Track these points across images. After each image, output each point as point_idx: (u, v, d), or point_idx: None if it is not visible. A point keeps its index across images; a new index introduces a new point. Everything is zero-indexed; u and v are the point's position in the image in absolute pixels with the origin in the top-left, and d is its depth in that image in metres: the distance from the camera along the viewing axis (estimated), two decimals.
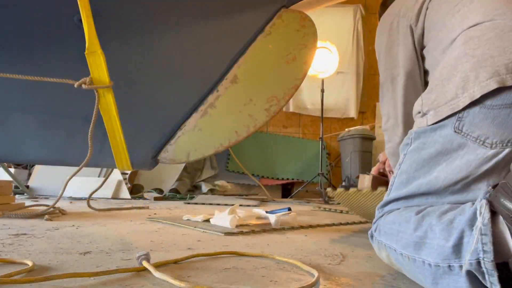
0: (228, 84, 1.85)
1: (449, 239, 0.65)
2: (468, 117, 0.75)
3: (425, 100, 0.84)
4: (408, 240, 0.75)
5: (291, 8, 1.89)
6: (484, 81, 0.73)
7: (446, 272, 0.65)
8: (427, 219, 0.73)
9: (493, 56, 0.75)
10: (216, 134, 1.86)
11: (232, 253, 1.05)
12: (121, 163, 1.79)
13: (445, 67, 0.83)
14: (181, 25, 1.81)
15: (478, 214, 0.61)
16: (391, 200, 0.88)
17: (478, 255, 0.58)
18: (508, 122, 0.71)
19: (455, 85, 0.78)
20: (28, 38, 1.72)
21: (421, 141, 0.83)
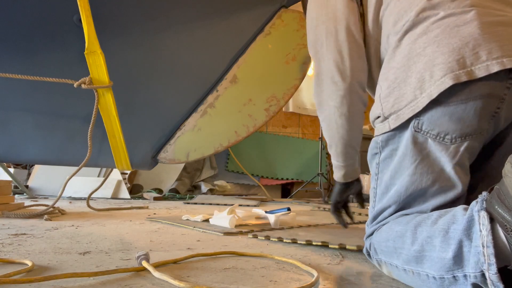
0: (228, 84, 1.85)
1: (448, 250, 0.65)
2: (426, 115, 0.76)
3: (385, 104, 0.83)
4: (408, 256, 0.74)
5: (290, 8, 1.90)
6: (439, 79, 0.74)
7: (452, 282, 0.65)
8: (420, 230, 0.73)
9: (443, 53, 0.75)
10: (215, 134, 1.86)
11: (232, 253, 1.05)
12: (120, 163, 1.79)
13: (399, 68, 0.82)
14: (181, 25, 1.81)
15: (478, 224, 0.61)
16: (378, 213, 0.87)
17: (482, 267, 0.58)
18: (465, 117, 0.74)
19: (412, 87, 0.78)
20: (28, 38, 1.72)
21: (391, 148, 0.84)
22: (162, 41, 1.81)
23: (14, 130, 1.79)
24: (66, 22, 1.65)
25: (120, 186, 3.26)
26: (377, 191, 0.88)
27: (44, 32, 1.71)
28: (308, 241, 1.20)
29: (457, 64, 0.73)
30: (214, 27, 1.84)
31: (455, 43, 0.75)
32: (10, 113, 1.79)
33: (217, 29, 1.84)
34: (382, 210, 0.86)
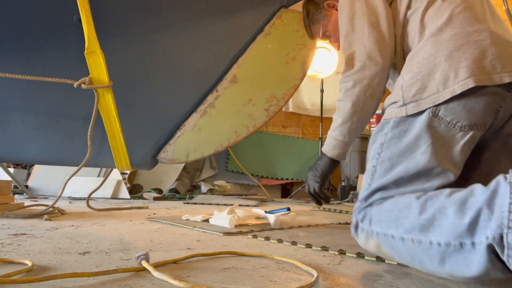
0: (228, 84, 1.85)
1: (464, 217, 0.70)
2: (443, 104, 0.88)
3: (406, 93, 0.93)
4: (412, 224, 0.80)
5: (290, 8, 1.90)
6: (463, 80, 0.88)
7: (457, 249, 0.70)
8: (431, 202, 0.79)
9: (467, 59, 0.89)
10: (215, 134, 1.86)
11: (232, 253, 1.05)
12: (120, 163, 1.79)
13: (424, 64, 0.94)
14: (181, 25, 1.81)
15: (508, 193, 0.64)
16: (377, 189, 0.92)
17: (502, 230, 0.63)
18: (475, 108, 0.88)
19: (436, 82, 0.90)
20: (28, 38, 1.72)
21: (401, 129, 0.92)
22: (162, 41, 1.81)
23: (14, 130, 1.79)
24: (66, 22, 1.65)
25: (120, 186, 3.26)
26: (378, 168, 0.94)
27: (44, 32, 1.71)
28: (308, 245, 1.20)
29: (479, 70, 0.88)
30: (214, 27, 1.84)
31: (477, 53, 0.90)
32: (10, 113, 1.79)
33: (217, 29, 1.84)
34: (385, 186, 0.91)
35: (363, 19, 1.09)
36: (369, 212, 0.93)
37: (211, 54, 1.85)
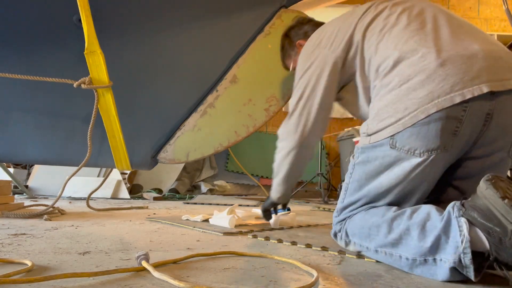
0: (228, 84, 1.85)
1: (426, 240, 0.87)
2: (399, 135, 0.98)
3: (370, 126, 1.06)
4: (383, 242, 0.96)
5: (290, 8, 1.89)
6: (413, 112, 0.96)
7: (422, 263, 0.88)
8: (396, 223, 0.94)
9: (415, 90, 0.97)
10: (215, 134, 1.86)
11: (231, 253, 1.05)
12: (120, 163, 1.79)
13: (383, 102, 1.03)
14: (181, 25, 1.81)
15: (457, 226, 0.83)
16: (348, 205, 1.10)
17: (460, 255, 0.81)
18: (427, 136, 0.95)
19: (390, 116, 1.00)
20: (28, 38, 1.72)
21: (366, 155, 1.06)
22: (162, 41, 1.81)
23: (14, 130, 1.79)
24: (66, 22, 1.65)
25: (120, 186, 3.26)
26: (349, 186, 1.11)
27: (44, 32, 1.71)
28: (308, 245, 1.20)
29: (428, 99, 0.94)
30: (214, 27, 1.84)
31: (425, 80, 0.97)
32: (10, 113, 1.79)
33: (217, 29, 1.84)
34: (353, 202, 1.09)
35: (304, 81, 1.23)
36: (344, 225, 1.10)
37: (211, 54, 1.85)
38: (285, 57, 1.55)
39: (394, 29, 1.09)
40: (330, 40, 1.21)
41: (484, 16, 5.02)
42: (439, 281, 0.85)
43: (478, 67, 0.94)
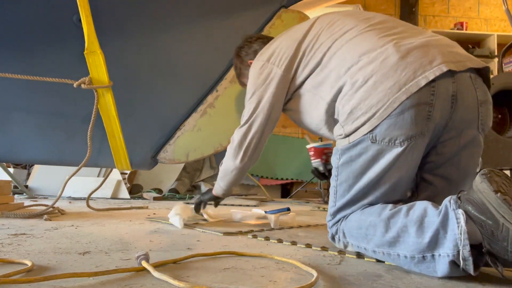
0: (228, 84, 1.85)
1: (424, 236, 0.89)
2: (377, 129, 1.01)
3: (346, 127, 1.07)
4: (380, 241, 0.97)
5: (290, 8, 1.89)
6: (386, 103, 0.99)
7: (420, 261, 0.89)
8: (393, 221, 0.96)
9: (382, 82, 1.01)
10: (215, 134, 1.86)
11: (231, 253, 1.05)
12: (120, 163, 1.79)
13: (354, 101, 1.05)
14: (181, 26, 1.81)
15: (455, 218, 0.85)
16: (340, 207, 1.10)
17: (459, 248, 0.83)
18: (404, 124, 0.99)
19: (364, 112, 1.02)
20: (28, 38, 1.72)
21: (348, 155, 1.07)
22: (162, 41, 1.81)
23: (14, 130, 1.79)
24: (66, 22, 1.65)
25: (119, 186, 3.26)
26: (338, 188, 1.11)
27: (44, 32, 1.71)
28: (308, 245, 1.20)
29: (395, 88, 0.99)
30: (214, 27, 1.84)
31: (387, 73, 1.02)
32: (10, 113, 1.79)
33: (217, 29, 1.84)
34: (345, 203, 1.09)
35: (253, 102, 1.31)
36: (340, 227, 1.11)
37: (211, 54, 1.85)
38: (240, 76, 1.59)
39: (347, 35, 1.16)
40: (278, 57, 1.28)
41: (484, 16, 5.02)
42: (438, 277, 0.87)
43: (434, 53, 1.02)
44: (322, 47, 1.19)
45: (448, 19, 5.00)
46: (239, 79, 1.60)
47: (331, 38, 1.19)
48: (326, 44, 1.18)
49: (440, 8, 5.02)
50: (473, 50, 4.64)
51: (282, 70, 1.26)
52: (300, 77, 1.24)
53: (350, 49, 1.12)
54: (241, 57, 1.55)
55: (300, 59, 1.24)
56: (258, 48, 1.49)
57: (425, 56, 1.01)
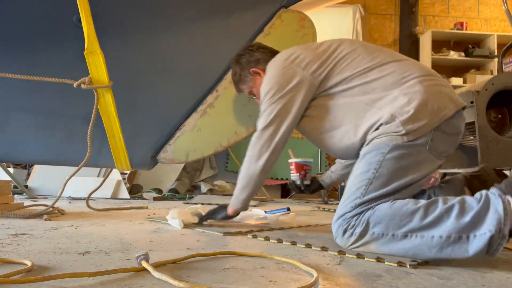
0: (228, 84, 1.85)
1: (465, 218, 0.97)
2: (435, 141, 1.15)
3: (406, 126, 1.14)
4: (418, 225, 1.03)
5: (290, 8, 1.89)
6: (443, 110, 1.15)
7: (455, 240, 0.97)
8: (432, 209, 1.03)
9: (442, 96, 1.19)
10: (215, 134, 1.86)
11: (231, 253, 1.05)
12: (120, 163, 1.79)
13: (416, 102, 1.15)
14: (181, 26, 1.81)
15: (501, 201, 0.96)
16: (371, 199, 1.12)
17: (501, 225, 0.93)
18: (450, 144, 1.20)
19: (427, 115, 1.14)
20: (28, 38, 1.72)
21: (399, 152, 1.13)
22: (162, 41, 1.81)
23: (14, 130, 1.79)
24: (66, 22, 1.65)
25: (119, 186, 3.26)
26: (374, 181, 1.14)
27: (44, 32, 1.71)
28: (308, 245, 1.20)
29: (453, 104, 1.19)
30: (214, 27, 1.84)
31: (442, 94, 1.20)
32: (10, 113, 1.79)
33: (217, 29, 1.84)
34: (377, 196, 1.12)
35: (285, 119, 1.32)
36: (363, 217, 1.11)
37: (211, 54, 1.85)
38: (239, 82, 1.59)
39: (389, 55, 1.29)
40: (303, 60, 1.31)
41: (484, 16, 5.02)
42: (468, 256, 0.96)
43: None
44: (360, 59, 1.27)
45: (448, 19, 5.00)
46: (238, 85, 1.60)
47: (368, 52, 1.29)
48: (364, 58, 1.27)
49: (440, 8, 5.02)
50: (473, 50, 4.64)
51: (309, 73, 1.29)
52: (328, 84, 1.28)
53: (401, 66, 1.24)
54: (241, 64, 1.54)
55: (331, 68, 1.28)
56: (260, 57, 1.51)
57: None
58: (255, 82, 1.53)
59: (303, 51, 1.35)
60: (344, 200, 1.18)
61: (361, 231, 1.10)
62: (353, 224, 1.12)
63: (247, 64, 1.53)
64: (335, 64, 1.29)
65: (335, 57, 1.30)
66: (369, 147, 1.18)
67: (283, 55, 1.38)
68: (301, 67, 1.30)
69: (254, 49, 1.54)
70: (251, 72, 1.52)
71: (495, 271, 0.96)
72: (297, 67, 1.31)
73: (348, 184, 1.21)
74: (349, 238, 1.12)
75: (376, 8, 5.03)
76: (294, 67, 1.31)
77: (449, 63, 4.74)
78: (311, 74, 1.29)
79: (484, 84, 2.02)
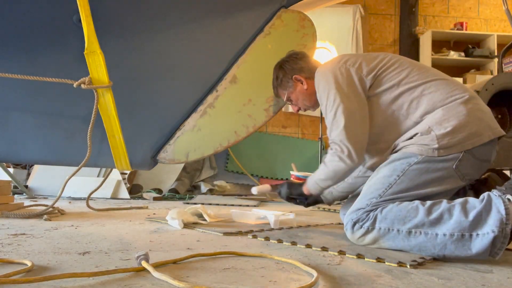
0: (227, 84, 1.85)
1: (468, 216, 1.03)
2: (463, 162, 1.18)
3: (440, 141, 1.18)
4: (422, 221, 1.09)
5: (290, 8, 1.89)
6: (479, 135, 1.19)
7: (458, 239, 1.03)
8: (436, 208, 1.09)
9: (482, 119, 1.22)
10: (215, 134, 1.86)
11: (231, 253, 1.05)
12: (120, 163, 1.79)
13: (456, 124, 1.20)
14: (181, 26, 1.81)
15: (502, 201, 1.01)
16: (387, 200, 1.19)
17: (503, 226, 0.99)
18: (476, 169, 1.22)
19: (463, 135, 1.18)
20: (28, 38, 1.72)
21: (427, 165, 1.19)
22: (162, 41, 1.81)
23: (14, 130, 1.79)
24: (66, 22, 1.65)
25: (119, 186, 3.26)
26: (394, 186, 1.20)
27: (44, 32, 1.70)
28: (308, 245, 1.20)
29: (490, 130, 1.22)
30: (214, 28, 1.84)
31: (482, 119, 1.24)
32: (10, 113, 1.79)
33: (216, 30, 1.84)
34: (395, 198, 1.19)
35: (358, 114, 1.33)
36: (372, 213, 1.18)
37: (211, 54, 1.85)
38: (279, 87, 1.62)
39: (432, 73, 1.35)
40: (356, 63, 1.37)
41: (484, 16, 5.02)
42: (471, 255, 1.01)
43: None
44: (407, 71, 1.33)
45: (448, 19, 5.00)
46: (278, 89, 1.64)
47: (417, 68, 1.34)
48: (412, 71, 1.33)
49: (440, 8, 5.02)
50: (473, 50, 4.64)
51: (363, 74, 1.35)
52: (377, 88, 1.34)
53: (445, 85, 1.29)
54: (284, 70, 1.58)
55: (380, 72, 1.34)
56: (304, 65, 1.56)
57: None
58: (296, 88, 1.57)
59: (352, 56, 1.43)
60: (361, 197, 1.24)
61: (369, 226, 1.17)
62: (363, 219, 1.19)
63: (290, 70, 1.57)
64: (384, 70, 1.35)
65: (384, 64, 1.36)
66: (398, 155, 1.25)
67: (333, 60, 1.44)
68: (355, 67, 1.36)
69: (298, 58, 1.59)
70: (293, 78, 1.56)
71: (495, 271, 0.96)
72: (351, 67, 1.36)
73: (369, 183, 1.27)
74: (357, 231, 1.20)
75: (376, 8, 5.02)
76: (348, 67, 1.36)
77: (449, 63, 4.74)
78: (365, 75, 1.34)
79: (484, 84, 2.02)
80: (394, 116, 1.31)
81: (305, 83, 1.54)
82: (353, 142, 1.30)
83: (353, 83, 1.34)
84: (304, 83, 1.55)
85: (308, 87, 1.54)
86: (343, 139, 1.30)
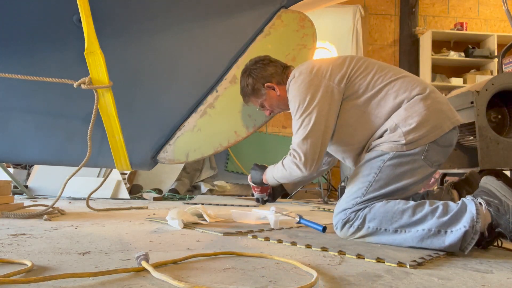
0: (228, 85, 1.85)
1: (445, 217, 1.17)
2: (429, 152, 1.31)
3: (406, 136, 1.30)
4: (407, 222, 1.22)
5: (290, 8, 1.89)
6: (440, 127, 1.31)
7: (435, 234, 1.17)
8: (419, 209, 1.21)
9: (442, 111, 1.34)
10: (215, 135, 1.86)
11: (231, 253, 1.05)
12: (120, 163, 1.79)
13: (419, 118, 1.31)
14: (181, 26, 1.81)
15: (473, 204, 1.17)
16: (370, 199, 1.30)
17: (474, 223, 1.13)
18: (442, 155, 1.35)
19: (426, 130, 1.30)
20: (28, 38, 1.72)
21: (399, 160, 1.30)
22: (162, 41, 1.81)
23: (14, 130, 1.79)
24: (66, 22, 1.65)
25: (119, 186, 3.26)
26: (374, 184, 1.31)
27: (44, 32, 1.70)
28: (308, 245, 1.20)
29: (449, 121, 1.34)
30: (214, 28, 1.84)
31: (443, 110, 1.36)
32: (10, 113, 1.79)
33: (217, 30, 1.84)
34: (374, 197, 1.30)
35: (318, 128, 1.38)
36: (361, 214, 1.29)
37: (211, 55, 1.85)
38: (252, 95, 1.62)
39: (395, 72, 1.42)
40: (327, 72, 1.42)
41: (484, 16, 5.02)
42: (444, 246, 1.13)
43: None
44: (374, 74, 1.40)
45: (448, 20, 5.00)
46: (250, 97, 1.64)
47: (380, 69, 1.42)
48: (375, 71, 1.41)
49: (440, 8, 5.02)
50: (473, 50, 4.64)
51: (335, 83, 1.40)
52: (348, 93, 1.41)
53: (407, 82, 1.38)
54: (254, 77, 1.59)
55: (350, 79, 1.41)
56: (273, 71, 1.58)
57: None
58: (269, 95, 1.59)
59: (322, 63, 1.46)
60: (346, 197, 1.36)
61: (359, 225, 1.29)
62: (352, 218, 1.30)
63: (261, 78, 1.58)
64: (353, 75, 1.41)
65: (352, 69, 1.43)
66: (372, 154, 1.35)
67: (306, 69, 1.46)
68: (326, 78, 1.41)
69: (266, 63, 1.60)
70: (265, 86, 1.57)
71: (495, 271, 0.96)
72: (322, 78, 1.41)
73: (351, 184, 1.37)
74: (348, 230, 1.31)
75: (376, 8, 5.03)
76: (320, 78, 1.41)
77: (449, 63, 4.74)
78: (337, 84, 1.40)
79: (484, 85, 2.02)
80: (365, 117, 1.39)
81: (277, 89, 1.57)
82: (310, 153, 1.36)
83: (325, 94, 1.39)
84: (276, 89, 1.57)
85: (280, 93, 1.57)
86: (302, 149, 1.37)
